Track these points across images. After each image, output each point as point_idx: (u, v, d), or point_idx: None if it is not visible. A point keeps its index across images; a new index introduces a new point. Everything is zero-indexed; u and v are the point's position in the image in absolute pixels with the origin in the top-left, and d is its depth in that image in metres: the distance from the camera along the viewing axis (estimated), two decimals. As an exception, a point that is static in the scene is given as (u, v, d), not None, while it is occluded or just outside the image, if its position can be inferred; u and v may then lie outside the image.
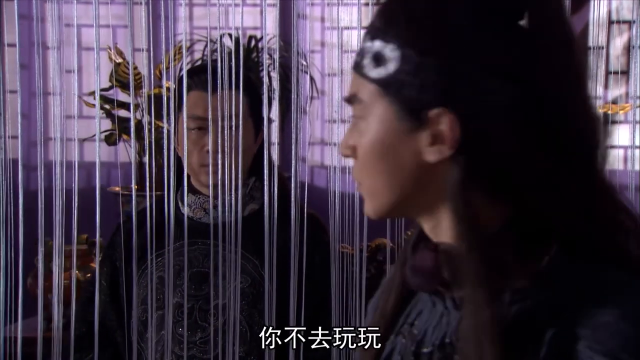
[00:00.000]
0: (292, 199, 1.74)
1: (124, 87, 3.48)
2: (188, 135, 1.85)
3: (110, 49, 3.55)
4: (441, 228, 0.91)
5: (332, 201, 1.79)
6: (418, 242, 0.96)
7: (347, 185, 1.84)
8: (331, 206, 1.79)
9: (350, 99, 0.92)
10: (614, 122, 3.99)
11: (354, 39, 1.69)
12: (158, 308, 1.86)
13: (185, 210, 1.92)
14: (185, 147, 1.86)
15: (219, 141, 1.80)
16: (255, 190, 1.95)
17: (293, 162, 1.72)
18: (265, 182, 1.74)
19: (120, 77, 3.47)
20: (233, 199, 1.81)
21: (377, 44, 0.88)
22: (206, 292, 1.85)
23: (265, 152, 1.79)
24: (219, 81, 1.72)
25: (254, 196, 1.95)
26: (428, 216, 0.93)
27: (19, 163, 1.73)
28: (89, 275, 2.98)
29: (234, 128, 1.79)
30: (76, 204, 1.72)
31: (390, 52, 0.87)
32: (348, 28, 1.87)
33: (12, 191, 1.82)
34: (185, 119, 1.83)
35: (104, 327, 1.91)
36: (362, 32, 1.07)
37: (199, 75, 1.85)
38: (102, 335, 1.85)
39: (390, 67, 0.87)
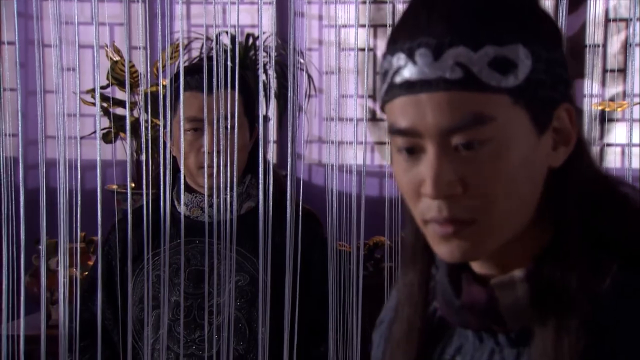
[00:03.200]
0: (288, 196, 1.73)
1: (121, 84, 3.47)
2: (184, 136, 1.84)
3: (107, 46, 3.55)
4: (505, 256, 0.83)
5: (330, 199, 1.78)
6: (456, 276, 0.86)
7: (345, 184, 1.84)
8: (329, 204, 1.79)
9: (471, 122, 0.78)
10: (612, 119, 3.99)
11: (352, 36, 1.69)
12: (156, 307, 1.85)
13: (182, 209, 1.92)
14: (182, 149, 1.84)
15: (216, 142, 1.79)
16: (251, 188, 1.94)
17: (289, 159, 1.72)
18: (261, 180, 1.73)
19: (117, 75, 3.46)
20: (229, 197, 1.80)
21: (493, 50, 0.78)
22: (204, 291, 1.85)
23: (260, 150, 1.78)
24: (215, 81, 1.71)
25: (250, 194, 1.94)
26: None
27: (20, 161, 1.72)
28: (85, 273, 2.97)
29: (230, 128, 1.78)
30: (79, 202, 1.71)
31: (518, 54, 0.78)
32: (346, 26, 1.87)
33: (9, 189, 1.81)
34: (182, 120, 1.81)
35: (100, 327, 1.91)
36: (362, 30, 1.06)
37: (193, 76, 1.84)
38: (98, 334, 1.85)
39: (524, 70, 0.78)
